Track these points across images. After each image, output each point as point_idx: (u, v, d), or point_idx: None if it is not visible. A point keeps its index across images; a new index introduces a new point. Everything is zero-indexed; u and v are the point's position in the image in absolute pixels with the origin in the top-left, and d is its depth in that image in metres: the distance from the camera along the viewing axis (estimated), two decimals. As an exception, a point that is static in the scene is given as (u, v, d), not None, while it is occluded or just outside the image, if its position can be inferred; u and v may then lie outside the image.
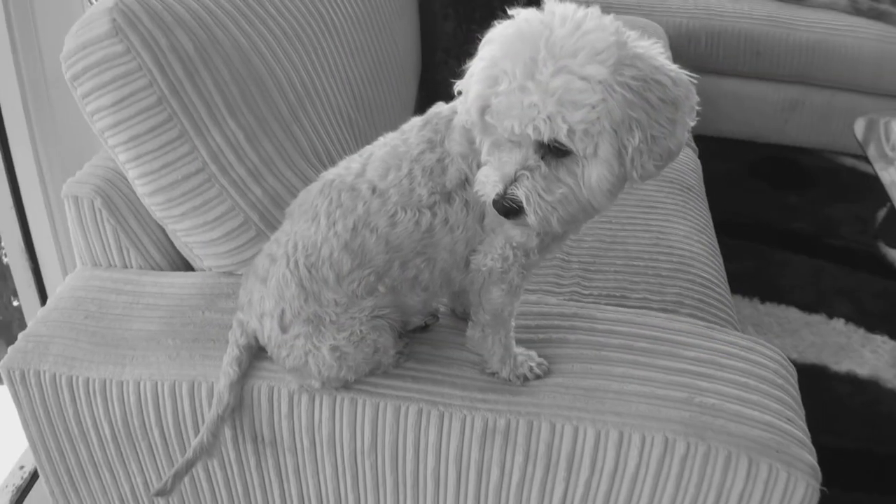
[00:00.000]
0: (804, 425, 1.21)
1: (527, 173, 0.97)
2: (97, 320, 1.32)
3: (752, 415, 1.16)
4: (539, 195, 0.98)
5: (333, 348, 1.12)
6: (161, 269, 1.44)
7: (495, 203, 1.00)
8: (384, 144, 1.15)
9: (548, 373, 1.20)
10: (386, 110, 1.77)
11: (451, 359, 1.23)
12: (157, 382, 1.23)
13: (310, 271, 1.11)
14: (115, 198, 1.39)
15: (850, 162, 3.34)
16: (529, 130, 0.93)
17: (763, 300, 2.54)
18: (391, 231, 1.11)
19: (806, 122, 3.30)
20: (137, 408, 1.24)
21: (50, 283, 1.86)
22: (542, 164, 0.97)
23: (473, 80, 0.98)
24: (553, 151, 0.96)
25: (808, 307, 2.52)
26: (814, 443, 1.19)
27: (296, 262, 1.12)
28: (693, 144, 2.38)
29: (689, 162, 2.17)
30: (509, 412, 1.15)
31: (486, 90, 0.96)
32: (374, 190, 1.11)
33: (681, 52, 3.14)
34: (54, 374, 1.25)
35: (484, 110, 0.98)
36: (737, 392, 1.19)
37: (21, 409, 1.30)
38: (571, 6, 0.97)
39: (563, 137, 0.93)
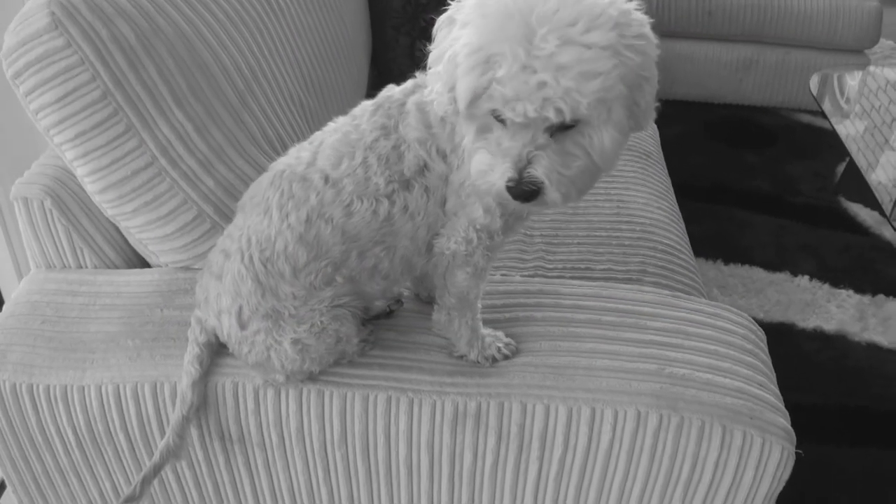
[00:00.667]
0: (776, 389, 1.22)
1: (541, 153, 0.93)
2: (54, 325, 1.28)
3: (723, 382, 1.16)
4: (559, 172, 0.94)
5: (295, 341, 1.10)
6: (117, 268, 1.40)
7: (512, 189, 0.95)
8: (334, 131, 1.12)
9: (516, 352, 1.19)
10: (338, 91, 1.74)
11: (418, 343, 1.21)
12: (118, 385, 1.20)
13: (265, 266, 1.09)
14: (66, 197, 1.35)
15: (806, 118, 3.36)
16: (550, 113, 0.89)
17: (727, 261, 2.55)
18: (347, 221, 1.08)
19: (761, 80, 3.31)
20: (101, 412, 1.21)
21: (6, 287, 1.82)
22: (551, 141, 0.94)
23: (460, 70, 0.92)
24: (559, 126, 0.93)
25: (772, 266, 2.54)
26: (785, 401, 1.20)
27: (250, 257, 1.09)
28: (651, 110, 2.37)
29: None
30: (479, 395, 1.14)
31: (479, 78, 0.90)
32: (326, 179, 1.08)
33: (633, 16, 3.13)
34: (14, 384, 1.22)
35: (476, 99, 0.93)
36: (706, 360, 1.19)
37: (-19, 421, 1.27)
38: None
39: (582, 111, 0.89)
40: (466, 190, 1.08)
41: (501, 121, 0.94)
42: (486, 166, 0.97)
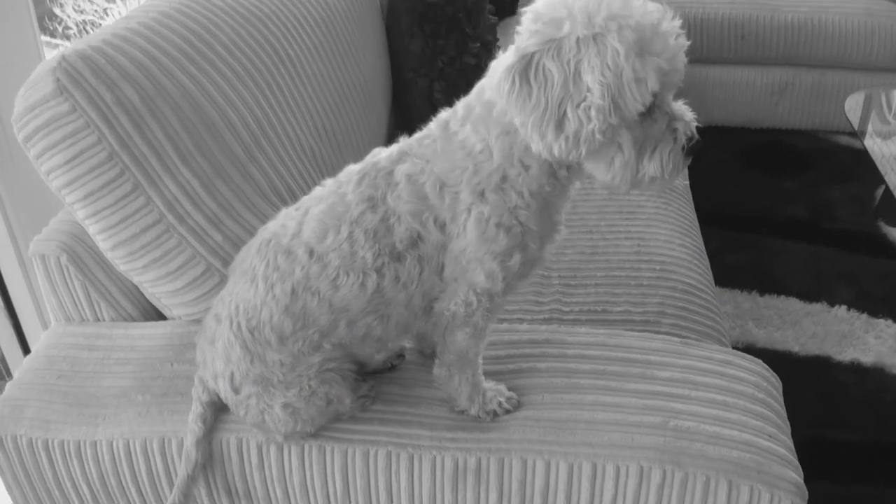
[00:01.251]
0: (788, 440, 1.19)
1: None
2: (69, 379, 1.31)
3: (730, 435, 1.13)
4: None
5: (285, 405, 1.11)
6: (133, 320, 1.43)
7: (695, 144, 1.05)
8: (320, 199, 1.12)
9: (517, 406, 1.18)
10: (353, 137, 1.75)
11: (420, 398, 1.21)
12: (128, 441, 1.22)
13: (252, 334, 1.09)
14: (82, 252, 1.38)
15: (845, 140, 3.29)
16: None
17: (762, 292, 2.50)
18: (334, 294, 1.08)
19: (797, 103, 3.25)
20: (112, 467, 1.23)
21: (32, 339, 1.86)
22: None
23: (632, 68, 0.94)
24: None
25: (809, 296, 2.48)
26: (819, 438, 1.16)
27: (238, 325, 1.10)
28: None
29: (671, 161, 2.13)
30: (479, 450, 1.13)
31: (656, 62, 0.95)
32: (311, 254, 1.08)
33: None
34: (31, 439, 1.25)
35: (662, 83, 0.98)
36: (714, 411, 1.16)
37: (3, 474, 1.30)
38: None
39: None
40: (468, 256, 1.08)
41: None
42: (661, 155, 1.02)
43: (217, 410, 1.20)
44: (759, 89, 3.23)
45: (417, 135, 1.12)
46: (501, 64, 1.02)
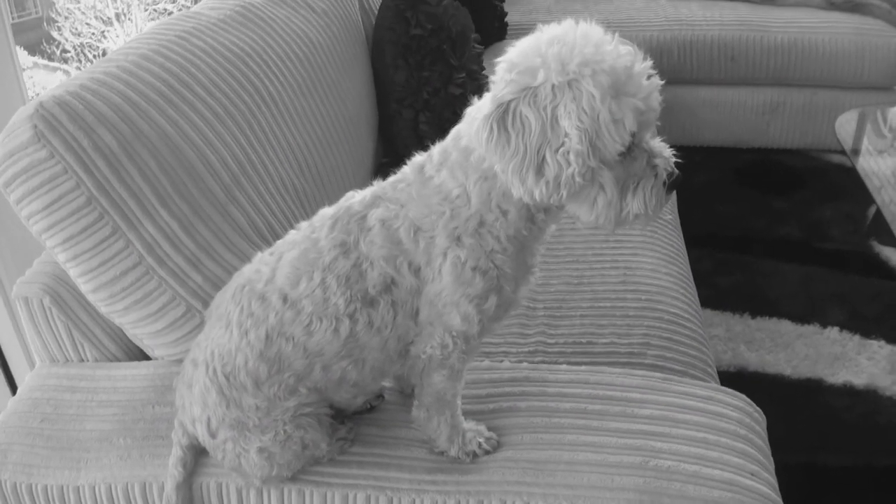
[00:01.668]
0: (771, 477, 1.18)
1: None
2: (52, 423, 1.31)
3: (711, 474, 1.13)
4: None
5: (261, 450, 1.11)
6: (117, 359, 1.43)
7: (675, 179, 1.06)
8: (294, 244, 1.12)
9: (497, 447, 1.18)
10: (337, 172, 1.75)
11: (399, 439, 1.21)
12: (110, 486, 1.22)
13: (227, 379, 1.10)
14: (65, 294, 1.39)
15: (837, 159, 3.29)
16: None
17: (754, 315, 2.49)
18: (309, 339, 1.08)
19: (788, 123, 3.26)
20: (95, 512, 1.23)
21: (20, 379, 1.86)
22: None
23: (609, 110, 0.96)
24: None
25: (801, 318, 2.47)
26: (811, 463, 1.16)
27: (214, 370, 1.10)
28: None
29: (659, 186, 2.13)
30: (458, 493, 1.12)
31: (633, 102, 0.97)
32: (285, 300, 1.08)
33: (654, 65, 3.11)
34: (15, 483, 1.25)
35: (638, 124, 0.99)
36: (694, 449, 1.16)
37: (-13, 519, 1.30)
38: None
39: None
40: (443, 300, 1.08)
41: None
42: (643, 192, 1.03)
43: (197, 454, 1.20)
44: (750, 109, 3.24)
45: (391, 178, 1.12)
46: (479, 112, 1.03)
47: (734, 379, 2.24)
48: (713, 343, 2.37)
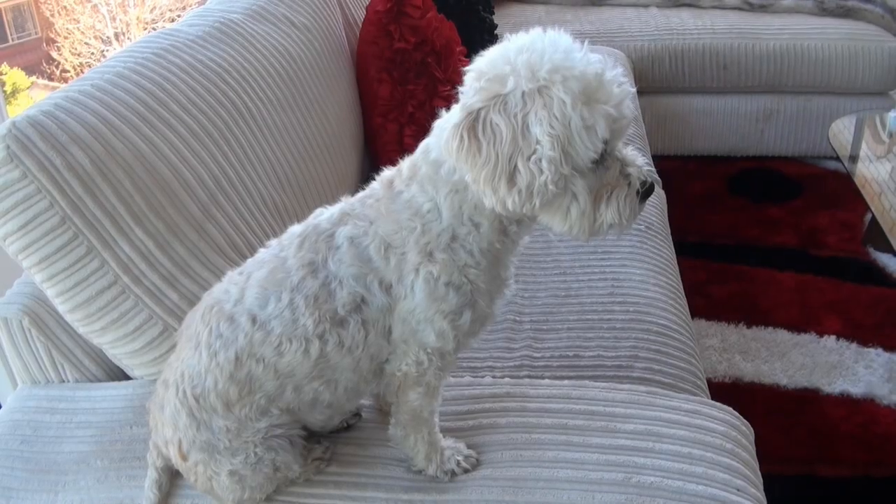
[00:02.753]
0: (758, 492, 1.16)
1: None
2: (31, 445, 1.30)
3: (695, 490, 1.11)
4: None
5: (232, 473, 1.09)
6: (98, 380, 1.42)
7: (648, 188, 1.05)
8: (262, 263, 1.10)
9: (476, 465, 1.16)
10: (320, 187, 1.74)
11: (376, 458, 1.19)
12: (87, 509, 1.20)
13: (198, 401, 1.08)
14: (44, 314, 1.38)
15: (832, 166, 3.27)
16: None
17: (749, 324, 2.47)
18: (279, 360, 1.07)
19: (782, 130, 3.24)
20: (72, 536, 1.21)
21: (4, 399, 1.84)
22: None
23: (580, 118, 0.95)
24: None
25: (797, 327, 2.45)
26: (808, 475, 1.13)
27: (184, 392, 1.09)
28: (655, 176, 2.32)
29: (650, 198, 2.11)
30: (436, 513, 1.10)
31: (605, 109, 0.96)
32: (253, 321, 1.07)
33: (645, 74, 3.11)
34: (-7, 507, 1.23)
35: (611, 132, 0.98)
36: (679, 465, 1.14)
37: (-33, 543, 1.28)
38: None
39: None
40: (417, 317, 1.06)
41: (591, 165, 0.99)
42: (617, 201, 1.02)
43: (173, 476, 1.18)
44: (743, 117, 3.23)
45: (360, 194, 1.11)
46: (448, 122, 1.01)
47: (729, 390, 2.22)
48: (707, 353, 2.35)
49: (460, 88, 1.02)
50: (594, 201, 1.01)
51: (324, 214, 1.11)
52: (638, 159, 1.05)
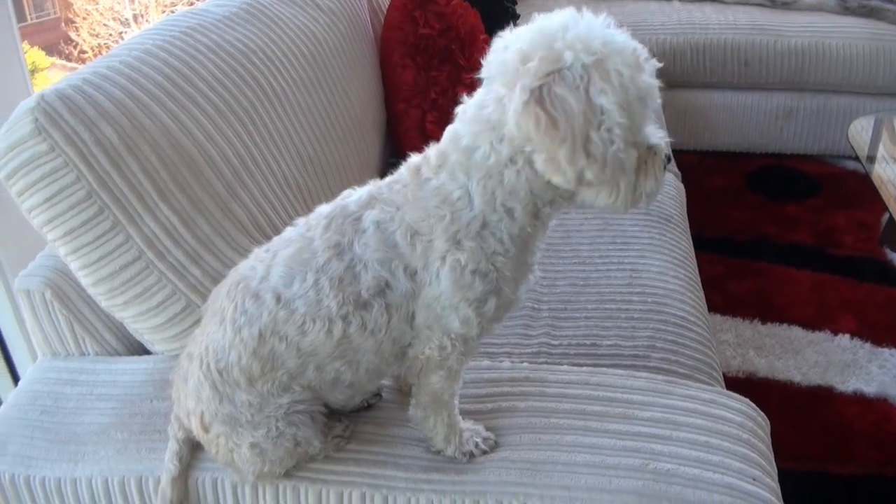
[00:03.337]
0: (773, 482, 1.16)
1: None
2: (52, 415, 1.31)
3: (711, 478, 1.11)
4: None
5: (253, 446, 1.10)
6: (118, 354, 1.43)
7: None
8: (288, 242, 1.11)
9: (494, 447, 1.16)
10: (342, 170, 1.74)
11: (396, 437, 1.20)
12: (107, 479, 1.21)
13: (221, 374, 1.09)
14: (66, 288, 1.39)
15: (851, 165, 3.25)
16: None
17: (764, 321, 2.46)
18: (302, 339, 1.08)
19: (802, 128, 3.23)
20: (91, 505, 1.23)
21: (23, 371, 1.86)
22: None
23: (638, 89, 0.97)
24: None
25: (812, 324, 2.45)
26: (820, 473, 1.13)
27: (208, 365, 1.10)
28: (675, 169, 2.33)
29: (668, 190, 2.11)
30: (454, 492, 1.11)
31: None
32: (278, 299, 1.07)
33: (667, 68, 3.07)
34: (13, 475, 1.25)
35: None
36: (695, 453, 1.14)
37: (-14, 509, 1.30)
38: None
39: None
40: (442, 303, 1.07)
41: None
42: (653, 170, 1.04)
43: (193, 448, 1.19)
44: (763, 114, 3.21)
45: (388, 179, 1.11)
46: (511, 106, 0.97)
47: (743, 385, 2.22)
48: (722, 348, 2.35)
49: (484, 72, 1.02)
50: (636, 172, 1.02)
51: (352, 196, 1.11)
52: (658, 132, 1.07)
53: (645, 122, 1.00)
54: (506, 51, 1.01)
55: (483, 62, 1.05)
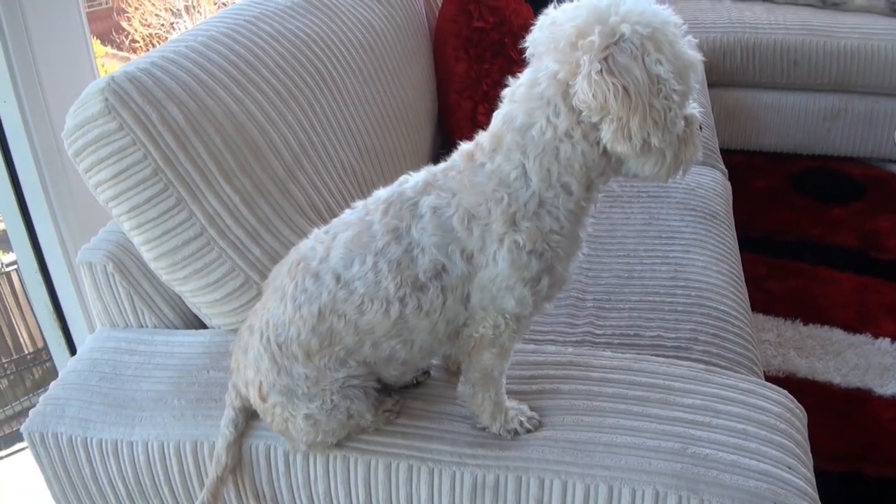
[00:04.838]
0: (808, 472, 1.18)
1: None
2: (110, 382, 1.37)
3: (748, 464, 1.13)
4: None
5: (307, 416, 1.14)
6: (175, 327, 1.49)
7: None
8: (348, 225, 1.15)
9: (538, 426, 1.20)
10: (395, 158, 1.79)
11: (443, 413, 1.24)
12: (163, 443, 1.27)
13: (280, 348, 1.14)
14: (127, 261, 1.44)
15: (897, 168, 3.24)
16: None
17: (805, 322, 2.47)
18: (360, 318, 1.12)
19: (849, 130, 3.21)
20: (147, 467, 1.28)
21: (80, 342, 1.93)
22: None
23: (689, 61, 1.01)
24: None
25: (853, 327, 2.44)
26: (853, 474, 1.15)
27: (268, 339, 1.14)
28: (721, 166, 2.34)
29: (715, 187, 2.13)
30: (498, 467, 1.15)
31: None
32: (338, 279, 1.11)
33: (717, 67, 3.10)
34: (71, 436, 1.31)
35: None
36: (733, 440, 1.17)
37: (43, 469, 1.36)
38: None
39: None
40: (498, 285, 1.10)
41: None
42: (694, 139, 1.08)
43: (248, 417, 1.24)
44: (811, 115, 3.20)
45: (442, 165, 1.14)
46: (581, 79, 1.00)
47: (783, 384, 2.19)
48: (763, 347, 2.36)
49: (530, 50, 1.07)
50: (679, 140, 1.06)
51: (409, 182, 1.14)
52: (692, 102, 1.10)
53: (692, 92, 1.03)
54: (553, 26, 1.04)
55: (528, 40, 1.08)
